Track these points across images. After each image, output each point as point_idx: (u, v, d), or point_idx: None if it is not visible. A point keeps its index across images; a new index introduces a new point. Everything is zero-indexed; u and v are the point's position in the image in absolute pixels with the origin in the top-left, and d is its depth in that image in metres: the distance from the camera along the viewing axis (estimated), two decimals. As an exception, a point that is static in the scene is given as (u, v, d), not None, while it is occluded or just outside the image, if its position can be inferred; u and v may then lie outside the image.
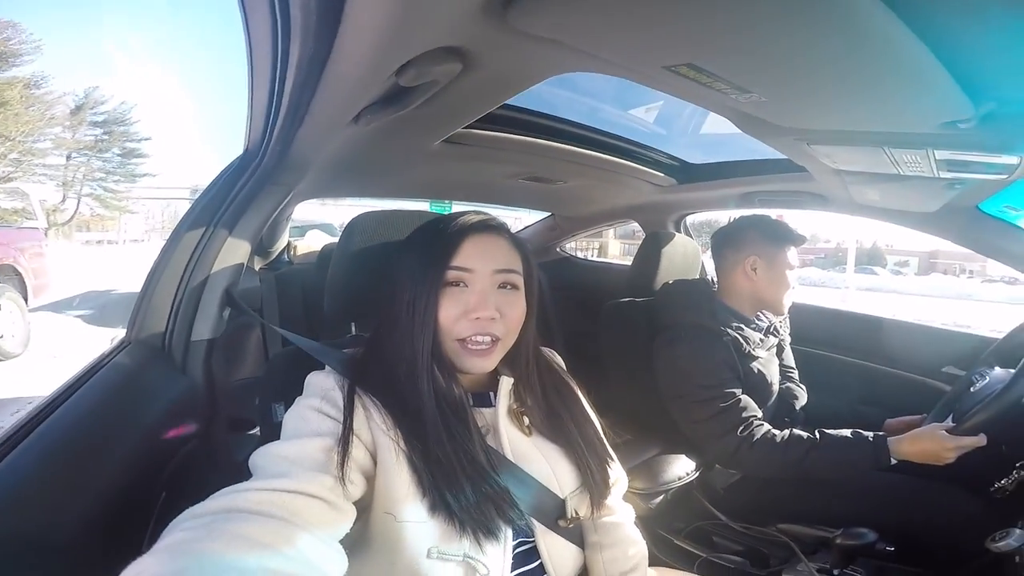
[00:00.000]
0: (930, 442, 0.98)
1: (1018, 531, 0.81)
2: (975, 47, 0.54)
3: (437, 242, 0.66)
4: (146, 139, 26.23)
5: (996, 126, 0.68)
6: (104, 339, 0.97)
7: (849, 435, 1.05)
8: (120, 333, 0.94)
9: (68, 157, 24.28)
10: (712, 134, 1.47)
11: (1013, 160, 0.81)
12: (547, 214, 2.27)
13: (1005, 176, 0.89)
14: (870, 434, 1.04)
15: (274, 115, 0.80)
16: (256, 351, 1.60)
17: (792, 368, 1.40)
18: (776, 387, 1.27)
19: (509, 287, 0.67)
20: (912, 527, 1.03)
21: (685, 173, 1.52)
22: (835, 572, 0.98)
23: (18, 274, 4.28)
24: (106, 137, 24.93)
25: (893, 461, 1.00)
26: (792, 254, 1.23)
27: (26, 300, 4.34)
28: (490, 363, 0.66)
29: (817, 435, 1.06)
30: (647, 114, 1.42)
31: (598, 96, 1.28)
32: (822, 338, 1.62)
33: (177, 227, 0.93)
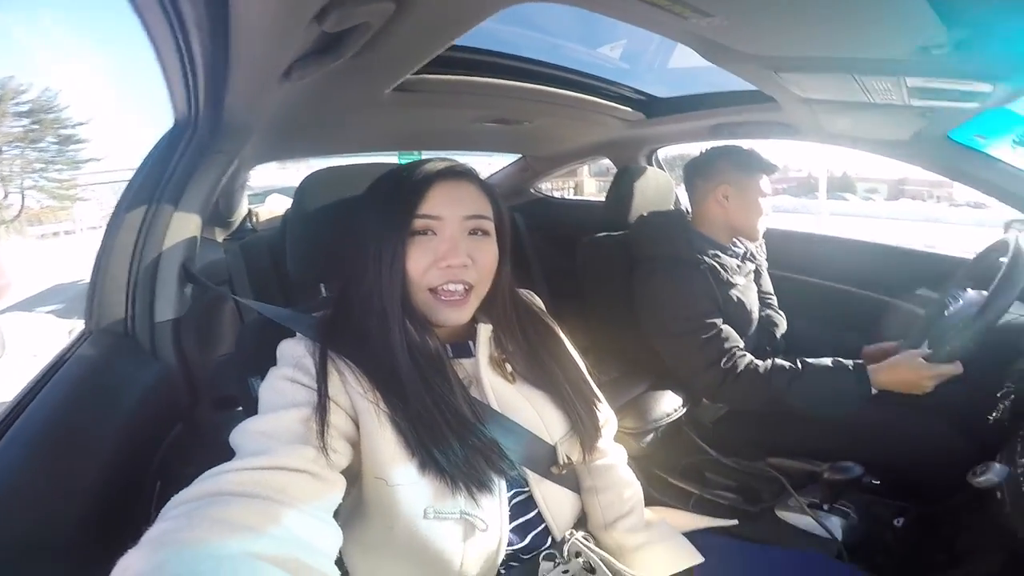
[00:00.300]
0: (908, 371, 0.97)
1: (998, 465, 0.80)
2: None
3: (402, 191, 0.62)
4: (81, 123, 24.72)
5: (969, 53, 0.66)
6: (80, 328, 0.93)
7: (830, 364, 1.05)
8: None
9: (-1, 151, 22.78)
10: (679, 68, 1.43)
11: (985, 88, 0.79)
12: (518, 156, 2.21)
13: (976, 105, 0.88)
14: (850, 363, 1.03)
15: (193, 81, 0.73)
16: (232, 325, 1.56)
17: (770, 294, 1.42)
18: (756, 314, 1.28)
19: (480, 233, 0.64)
20: (897, 461, 1.04)
21: (653, 107, 1.47)
22: (825, 507, 1.00)
23: (-28, 277, 4.07)
24: (36, 126, 23.52)
25: (874, 391, 1.00)
26: (764, 182, 1.22)
27: (-12, 302, 4.16)
28: (465, 314, 0.64)
29: (799, 364, 1.06)
30: (612, 52, 1.37)
31: (560, 35, 1.23)
32: (797, 263, 1.63)
33: (116, 209, 0.87)
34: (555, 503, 0.66)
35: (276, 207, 2.21)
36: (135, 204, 0.86)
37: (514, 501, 0.63)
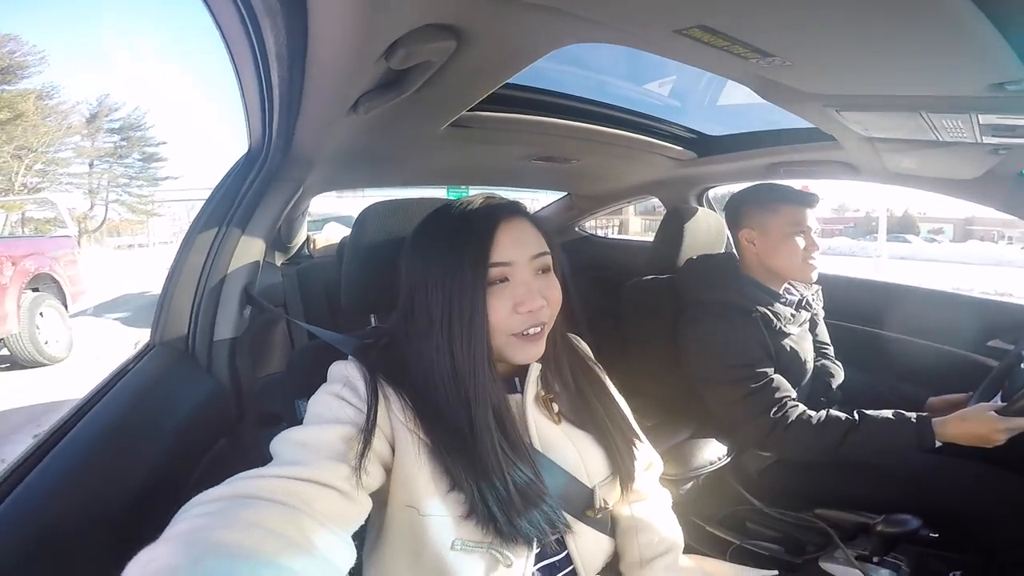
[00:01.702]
0: (978, 423, 0.92)
1: None
2: None
3: (468, 237, 0.60)
4: (163, 143, 27.21)
5: None
6: (142, 338, 0.99)
7: (891, 416, 0.99)
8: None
9: (91, 165, 25.28)
10: (731, 105, 1.41)
11: (1061, 123, 0.74)
12: (563, 194, 2.23)
13: (1052, 141, 0.82)
14: (913, 415, 0.98)
15: (268, 110, 0.78)
16: (283, 346, 1.62)
17: (827, 344, 1.35)
18: (811, 365, 1.22)
19: (545, 270, 0.64)
20: (957, 513, 0.97)
21: (704, 146, 1.45)
22: (874, 559, 0.94)
23: (56, 282, 4.45)
24: (124, 143, 25.91)
25: (938, 444, 0.95)
26: (797, 214, 1.14)
27: (66, 307, 4.52)
28: (540, 349, 0.63)
29: (856, 416, 1.01)
30: (661, 88, 1.37)
31: (609, 72, 1.25)
32: (858, 312, 1.55)
33: (189, 230, 0.94)
34: (586, 546, 0.64)
35: (332, 235, 2.30)
36: (207, 226, 0.92)
37: (544, 541, 0.61)
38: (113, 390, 0.73)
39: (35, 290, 4.20)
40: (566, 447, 0.65)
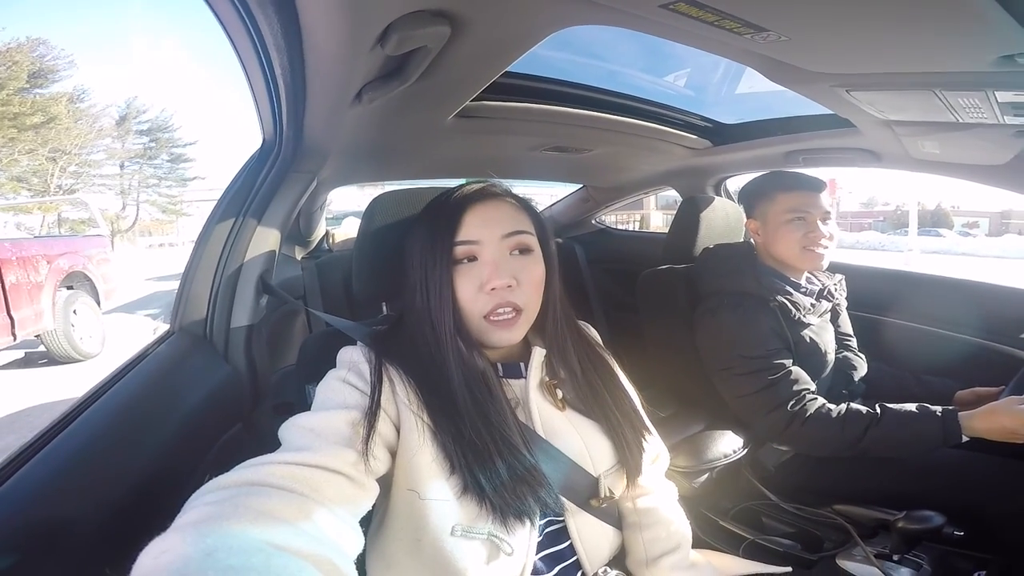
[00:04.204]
0: (1008, 417, 0.88)
1: None
2: None
3: (439, 218, 0.64)
4: (190, 144, 27.95)
5: None
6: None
7: (915, 409, 0.96)
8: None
9: (121, 166, 26.14)
10: (748, 93, 1.38)
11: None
12: (579, 186, 2.21)
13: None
14: (939, 408, 0.94)
15: (276, 101, 0.80)
16: (300, 338, 1.65)
17: (850, 336, 1.31)
18: (832, 356, 1.19)
19: (523, 251, 0.64)
20: (984, 510, 0.94)
21: (720, 134, 1.42)
22: (894, 557, 0.92)
23: (89, 280, 4.61)
24: (153, 144, 26.67)
25: (964, 438, 0.91)
26: (792, 200, 1.12)
27: (99, 304, 4.68)
28: (516, 334, 0.64)
29: (878, 410, 0.98)
30: (675, 82, 1.35)
31: (622, 63, 1.24)
32: (883, 303, 1.49)
33: (208, 220, 0.96)
34: (590, 537, 0.63)
35: (351, 230, 2.34)
36: (225, 217, 0.94)
37: (546, 530, 0.61)
38: (131, 373, 0.75)
39: (69, 287, 4.35)
40: (570, 435, 0.64)
